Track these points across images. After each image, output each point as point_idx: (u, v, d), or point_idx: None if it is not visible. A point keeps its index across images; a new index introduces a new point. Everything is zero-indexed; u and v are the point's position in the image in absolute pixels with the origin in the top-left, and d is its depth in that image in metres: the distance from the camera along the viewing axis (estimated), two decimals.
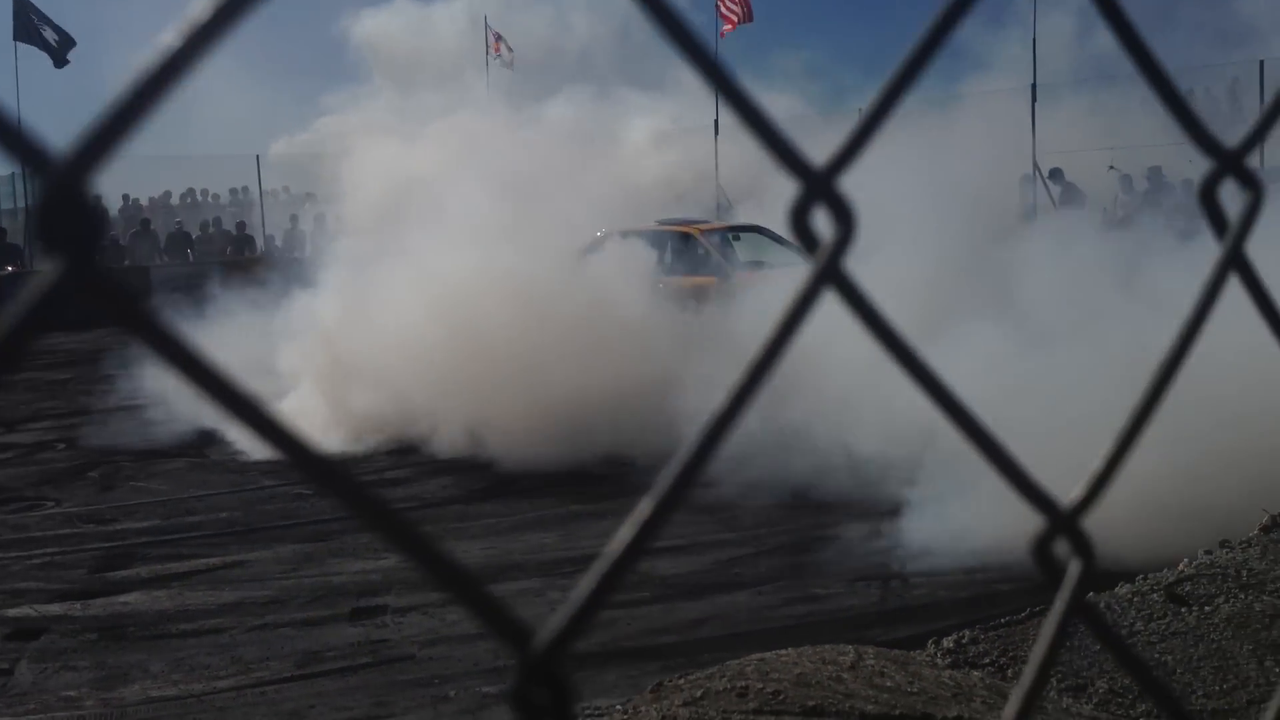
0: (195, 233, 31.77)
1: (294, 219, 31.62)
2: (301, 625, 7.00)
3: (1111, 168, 24.03)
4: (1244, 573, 5.60)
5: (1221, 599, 5.31)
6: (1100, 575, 6.68)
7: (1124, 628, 5.05)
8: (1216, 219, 1.00)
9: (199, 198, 34.76)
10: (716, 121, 26.62)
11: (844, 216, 0.78)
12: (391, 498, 9.92)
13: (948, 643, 4.92)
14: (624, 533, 0.69)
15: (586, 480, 10.27)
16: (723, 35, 29.91)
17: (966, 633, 5.03)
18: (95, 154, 0.56)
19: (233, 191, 35.47)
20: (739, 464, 9.12)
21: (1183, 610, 5.17)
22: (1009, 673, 4.65)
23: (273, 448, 0.58)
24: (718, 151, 26.31)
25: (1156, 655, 4.80)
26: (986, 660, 4.76)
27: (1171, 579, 5.45)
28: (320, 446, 0.59)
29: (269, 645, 6.71)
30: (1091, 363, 7.86)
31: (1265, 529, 6.26)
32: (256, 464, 11.54)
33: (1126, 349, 6.90)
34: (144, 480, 11.06)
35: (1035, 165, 25.43)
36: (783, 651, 4.41)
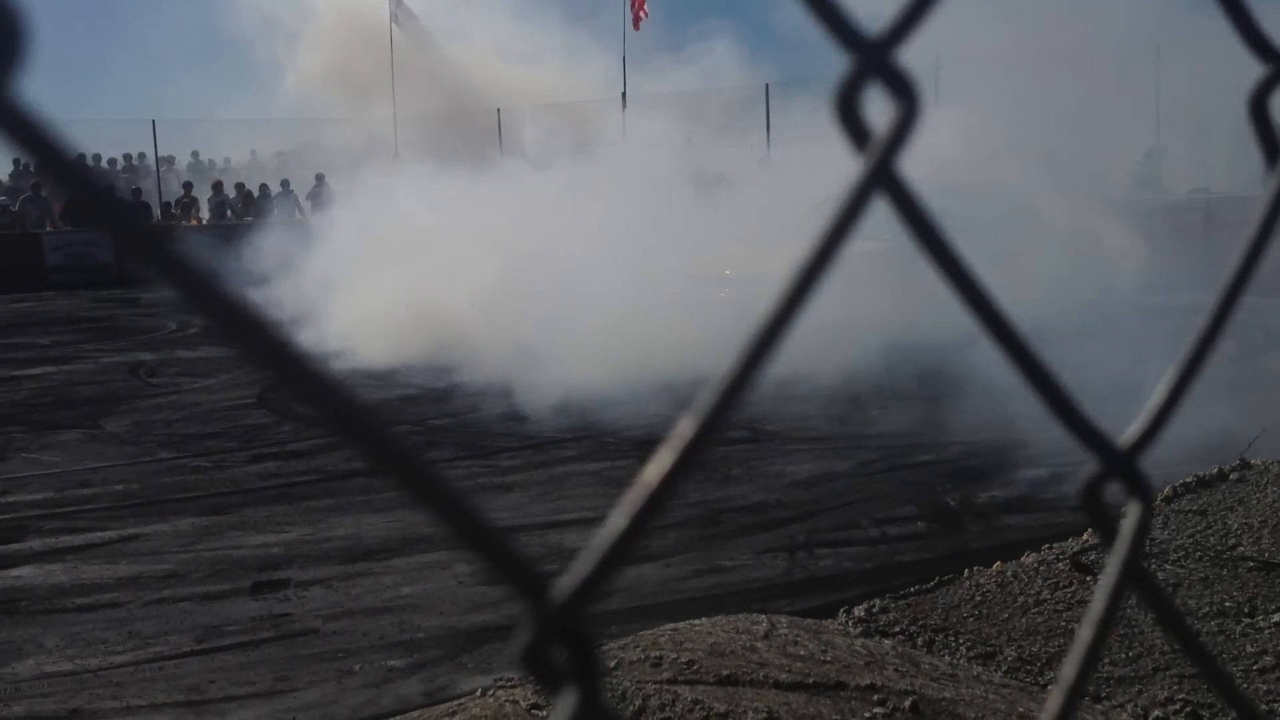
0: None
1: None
2: (201, 599, 6.86)
3: None
4: (1147, 541, 5.67)
5: None
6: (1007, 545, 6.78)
7: (1030, 596, 5.10)
8: (1266, 133, 0.93)
9: (91, 162, 33.90)
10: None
11: (904, 93, 0.67)
12: (293, 470, 9.78)
13: (859, 611, 4.94)
14: (662, 458, 0.60)
15: (492, 453, 10.22)
16: (636, 28, 30.11)
17: (877, 602, 5.05)
18: None
19: (126, 157, 34.71)
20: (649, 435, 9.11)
21: (1088, 579, 5.24)
22: (919, 641, 4.68)
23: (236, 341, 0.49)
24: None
25: (1063, 623, 4.85)
26: (897, 629, 4.78)
27: (1076, 548, 5.52)
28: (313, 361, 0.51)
29: (167, 620, 6.56)
30: None
31: (1167, 499, 6.38)
32: (153, 436, 11.33)
33: None
34: (36, 451, 10.79)
35: None
36: (696, 621, 4.39)
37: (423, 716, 4.21)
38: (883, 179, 0.67)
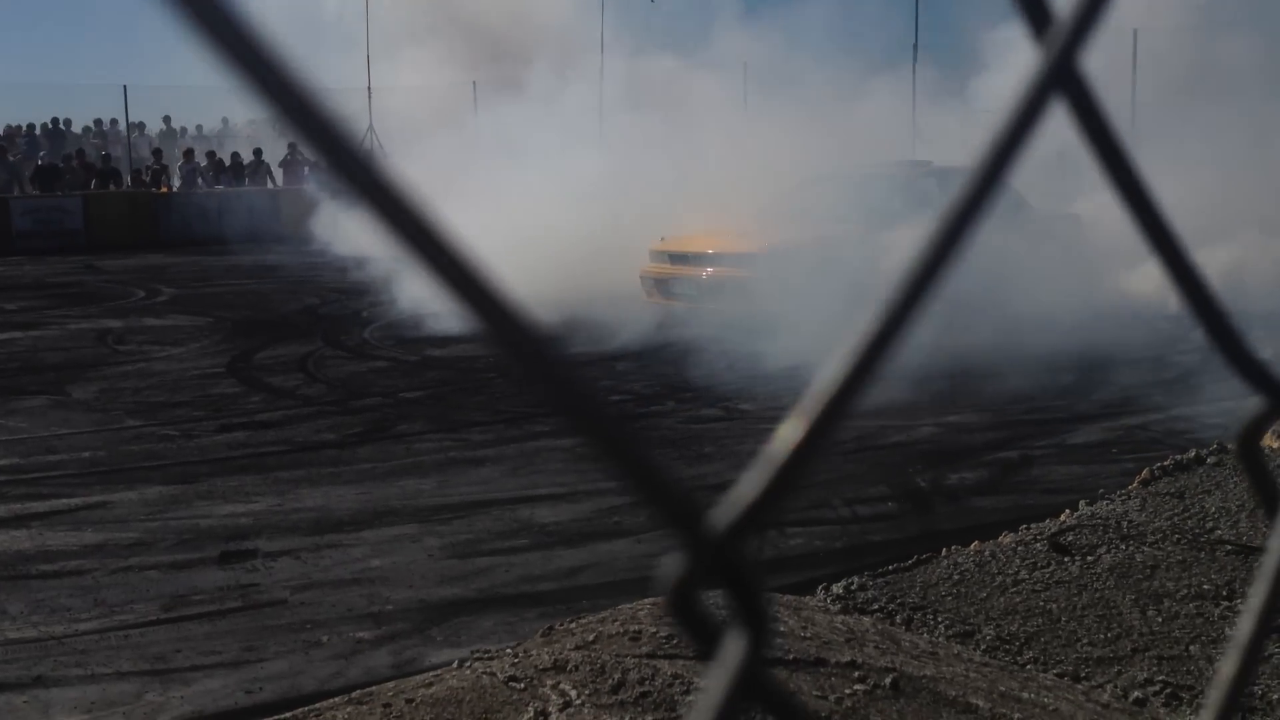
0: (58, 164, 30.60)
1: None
2: (168, 568, 6.78)
3: None
4: (1124, 524, 5.70)
5: (1104, 549, 5.39)
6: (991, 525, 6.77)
7: (1008, 576, 5.08)
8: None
9: (61, 128, 33.47)
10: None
11: None
12: (261, 441, 9.69)
13: (837, 589, 4.91)
14: (847, 354, 0.50)
15: (463, 427, 10.15)
16: None
17: (855, 579, 5.03)
18: None
19: (97, 122, 34.31)
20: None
21: (1066, 560, 5.23)
22: (898, 619, 4.66)
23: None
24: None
25: (1041, 603, 4.84)
26: (875, 606, 4.76)
27: (1054, 529, 5.51)
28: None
29: (133, 588, 6.48)
30: None
31: (1145, 482, 6.39)
32: (120, 403, 11.21)
33: None
34: (2, 418, 10.66)
35: None
36: None
37: (399, 687, 4.16)
38: (1063, 77, 0.56)
